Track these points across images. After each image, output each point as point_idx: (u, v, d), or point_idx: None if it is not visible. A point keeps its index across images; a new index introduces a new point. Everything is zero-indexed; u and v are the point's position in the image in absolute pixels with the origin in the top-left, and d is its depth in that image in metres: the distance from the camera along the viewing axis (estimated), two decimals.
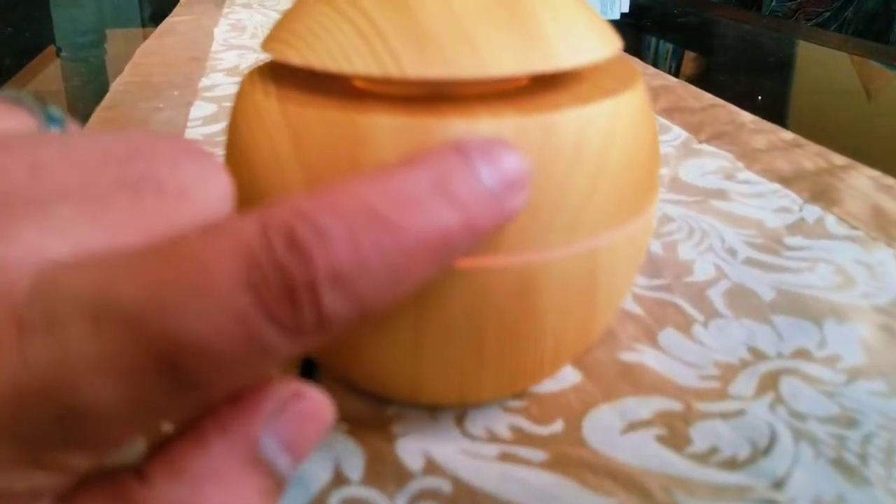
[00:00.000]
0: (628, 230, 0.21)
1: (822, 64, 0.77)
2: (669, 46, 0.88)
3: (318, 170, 0.19)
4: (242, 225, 0.12)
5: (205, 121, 0.51)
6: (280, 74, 0.22)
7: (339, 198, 0.13)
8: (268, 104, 0.20)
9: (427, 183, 0.13)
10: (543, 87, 0.20)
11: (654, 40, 0.92)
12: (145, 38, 0.79)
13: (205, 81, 0.61)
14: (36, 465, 0.12)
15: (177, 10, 0.96)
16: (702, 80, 0.59)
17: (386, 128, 0.18)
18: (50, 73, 0.77)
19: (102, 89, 0.62)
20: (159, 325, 0.11)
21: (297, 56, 0.19)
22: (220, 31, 0.81)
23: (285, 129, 0.19)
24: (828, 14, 1.66)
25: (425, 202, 0.13)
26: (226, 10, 0.95)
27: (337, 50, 0.19)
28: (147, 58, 0.70)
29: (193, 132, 0.49)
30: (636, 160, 0.20)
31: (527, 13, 0.19)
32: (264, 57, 0.22)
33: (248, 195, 0.21)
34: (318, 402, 0.14)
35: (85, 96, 0.58)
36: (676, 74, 0.78)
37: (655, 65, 0.84)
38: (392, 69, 0.18)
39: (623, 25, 0.89)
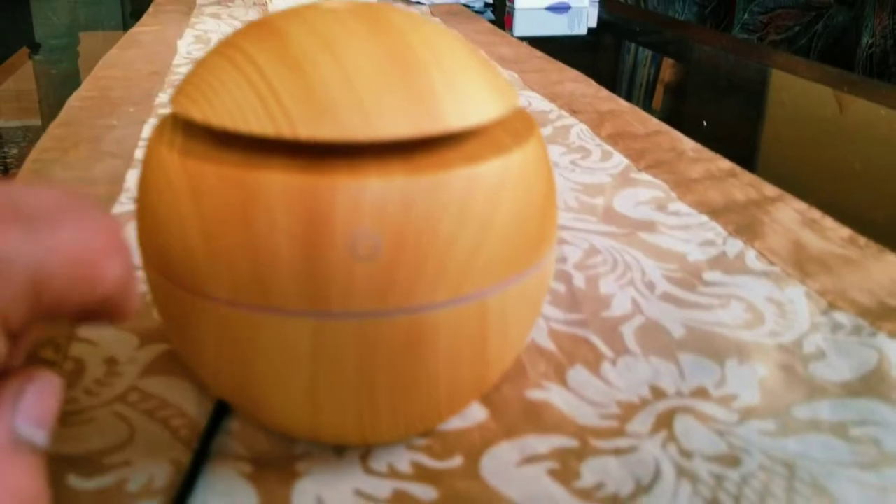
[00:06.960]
0: (518, 282, 0.21)
1: (794, 75, 0.78)
2: (649, 53, 0.90)
3: (215, 224, 0.20)
4: None
5: None
6: (188, 125, 0.22)
7: None
8: (171, 157, 0.21)
9: None
10: (436, 142, 0.21)
11: (633, 46, 0.93)
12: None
13: (162, 97, 0.62)
14: None
15: (143, 19, 0.96)
16: (678, 88, 0.60)
17: (277, 186, 0.19)
18: (24, 71, 0.79)
19: (74, 89, 0.63)
20: None
21: (199, 112, 0.20)
22: (184, 44, 0.81)
23: (186, 183, 0.20)
24: (798, 28, 1.68)
25: None
26: (193, 19, 0.95)
27: (234, 108, 0.20)
28: (108, 70, 0.70)
29: (142, 152, 0.49)
30: (526, 215, 0.21)
31: (418, 75, 0.20)
32: None
33: (154, 245, 0.21)
34: (46, 377, 0.17)
35: (56, 95, 0.60)
36: (654, 82, 0.79)
37: (634, 70, 0.85)
38: (285, 129, 0.19)
39: (590, 40, 0.91)
